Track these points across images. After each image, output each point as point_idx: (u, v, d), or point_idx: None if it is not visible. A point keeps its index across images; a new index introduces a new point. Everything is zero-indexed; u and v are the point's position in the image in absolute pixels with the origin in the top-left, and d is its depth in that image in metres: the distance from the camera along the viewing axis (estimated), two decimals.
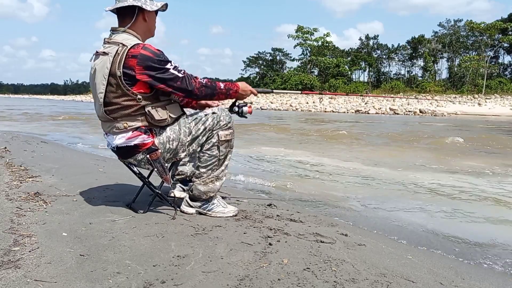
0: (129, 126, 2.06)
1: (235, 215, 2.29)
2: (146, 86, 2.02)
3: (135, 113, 2.05)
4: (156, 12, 2.21)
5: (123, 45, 1.99)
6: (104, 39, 2.11)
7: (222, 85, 2.19)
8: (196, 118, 2.17)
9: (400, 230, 2.50)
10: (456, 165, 5.21)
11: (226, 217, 2.26)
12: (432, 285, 1.55)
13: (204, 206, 2.27)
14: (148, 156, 2.09)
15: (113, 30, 2.12)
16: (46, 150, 4.93)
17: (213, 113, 2.18)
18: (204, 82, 2.12)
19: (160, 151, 2.11)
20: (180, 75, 2.03)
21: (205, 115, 2.18)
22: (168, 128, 2.14)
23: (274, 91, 2.74)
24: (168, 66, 2.01)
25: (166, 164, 2.17)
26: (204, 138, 2.17)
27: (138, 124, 2.07)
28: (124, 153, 2.14)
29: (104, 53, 2.03)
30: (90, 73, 2.12)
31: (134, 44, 2.00)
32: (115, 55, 1.98)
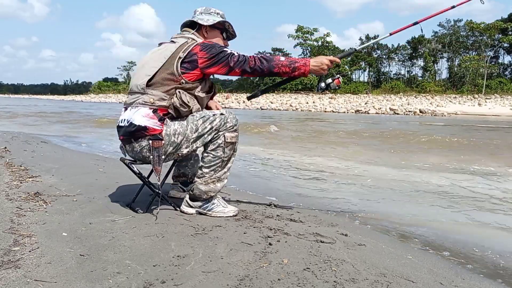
0: (152, 103, 2.12)
1: (235, 215, 2.29)
2: (198, 77, 2.17)
3: (166, 92, 2.13)
4: (220, 30, 2.38)
5: (193, 39, 2.22)
6: (172, 36, 2.32)
7: (282, 58, 2.20)
8: (204, 116, 2.19)
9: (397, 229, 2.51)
10: (428, 161, 5.22)
11: (226, 217, 2.26)
12: (432, 285, 1.55)
13: (204, 206, 2.27)
14: (151, 142, 2.10)
15: (183, 30, 2.36)
16: (46, 150, 4.93)
17: (221, 114, 2.21)
18: (260, 56, 2.20)
19: (163, 142, 2.13)
20: (235, 53, 2.17)
21: (213, 115, 2.20)
22: (176, 122, 2.17)
23: (358, 48, 2.58)
24: (226, 49, 2.18)
25: (165, 157, 2.17)
26: (209, 137, 2.19)
27: (163, 103, 2.13)
28: (132, 133, 2.14)
29: (172, 41, 2.24)
30: (145, 56, 2.29)
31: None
32: (183, 43, 2.18)
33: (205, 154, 2.23)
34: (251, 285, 1.42)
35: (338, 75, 2.35)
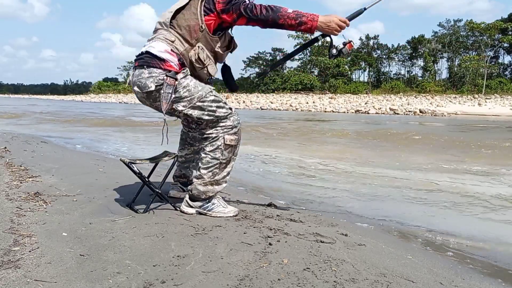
0: (172, 42, 2.15)
1: (235, 215, 2.29)
2: (216, 23, 2.18)
3: (187, 40, 2.16)
4: None
5: None
6: None
7: (290, 10, 2.14)
8: (217, 98, 2.21)
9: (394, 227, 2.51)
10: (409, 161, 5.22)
11: (226, 217, 2.26)
12: (432, 285, 1.55)
13: (204, 206, 2.27)
14: (165, 77, 2.10)
15: None
16: (46, 150, 4.93)
17: (230, 108, 2.23)
18: (268, 5, 2.16)
19: (177, 83, 2.13)
20: (247, 0, 2.15)
21: (225, 103, 2.22)
22: (194, 80, 2.19)
23: (367, 7, 2.33)
24: None
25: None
26: (206, 118, 2.18)
27: (181, 48, 2.16)
28: (147, 59, 2.14)
29: None
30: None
31: None
32: None
33: (203, 155, 2.22)
34: (251, 285, 1.42)
35: (350, 39, 2.20)
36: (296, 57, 72.54)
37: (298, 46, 2.24)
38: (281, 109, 29.92)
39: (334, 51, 2.21)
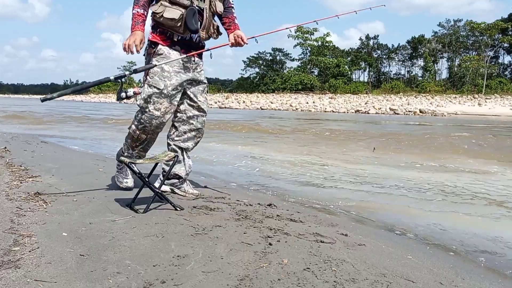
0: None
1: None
2: None
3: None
4: None
5: None
6: None
7: (140, 11, 2.42)
8: (158, 96, 2.44)
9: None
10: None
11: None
12: (432, 285, 1.55)
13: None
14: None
15: None
16: (46, 150, 4.93)
17: (147, 109, 2.45)
18: (136, 10, 2.42)
19: (154, 52, 2.48)
20: None
21: (153, 103, 2.44)
22: (164, 69, 2.44)
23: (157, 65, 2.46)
24: None
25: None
26: (138, 97, 2.44)
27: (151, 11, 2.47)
28: None
29: None
30: None
31: None
32: None
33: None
34: (251, 285, 1.43)
35: (140, 89, 2.43)
36: (296, 57, 72.74)
37: (93, 82, 2.52)
38: (281, 109, 29.93)
39: (123, 94, 2.36)
